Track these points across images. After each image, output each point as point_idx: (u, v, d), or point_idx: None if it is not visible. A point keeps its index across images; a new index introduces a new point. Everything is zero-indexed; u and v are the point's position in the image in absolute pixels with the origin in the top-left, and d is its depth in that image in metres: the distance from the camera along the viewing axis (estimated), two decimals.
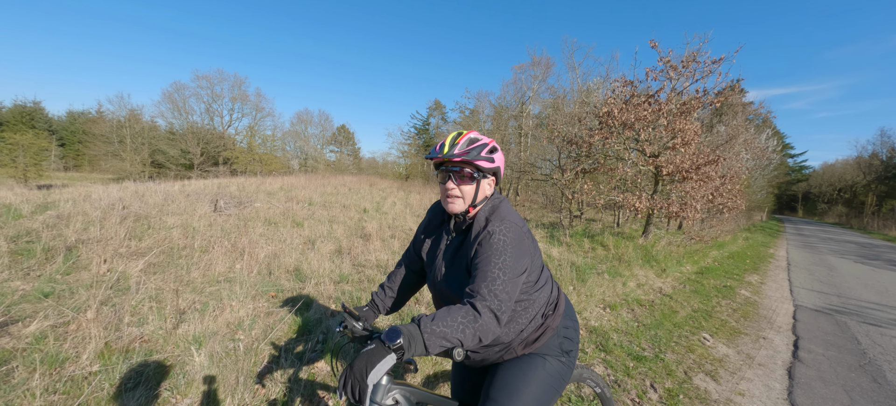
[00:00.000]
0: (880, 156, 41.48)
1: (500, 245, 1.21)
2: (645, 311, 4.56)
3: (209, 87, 34.95)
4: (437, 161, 1.37)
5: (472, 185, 1.32)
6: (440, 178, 1.37)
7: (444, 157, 1.30)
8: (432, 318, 1.08)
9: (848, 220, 36.70)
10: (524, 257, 1.26)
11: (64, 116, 43.03)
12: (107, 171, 30.35)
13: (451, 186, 1.32)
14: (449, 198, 1.33)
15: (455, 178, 1.32)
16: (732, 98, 12.22)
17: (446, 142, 1.33)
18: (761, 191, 24.24)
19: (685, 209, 7.97)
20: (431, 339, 1.05)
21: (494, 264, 1.18)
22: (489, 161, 1.32)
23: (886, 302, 5.96)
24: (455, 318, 1.09)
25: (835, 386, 3.13)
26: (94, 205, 6.25)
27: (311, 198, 10.86)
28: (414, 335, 1.05)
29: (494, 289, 1.15)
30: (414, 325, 1.07)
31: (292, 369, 2.51)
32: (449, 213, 1.37)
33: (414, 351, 1.04)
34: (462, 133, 1.35)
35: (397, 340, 1.02)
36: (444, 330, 1.07)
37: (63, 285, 3.33)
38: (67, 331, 2.60)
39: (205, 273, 4.00)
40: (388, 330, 1.03)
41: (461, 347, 1.11)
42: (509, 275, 1.18)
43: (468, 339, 1.10)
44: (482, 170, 1.32)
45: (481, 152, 1.30)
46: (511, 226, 1.26)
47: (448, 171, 1.33)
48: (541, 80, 28.69)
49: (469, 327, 1.09)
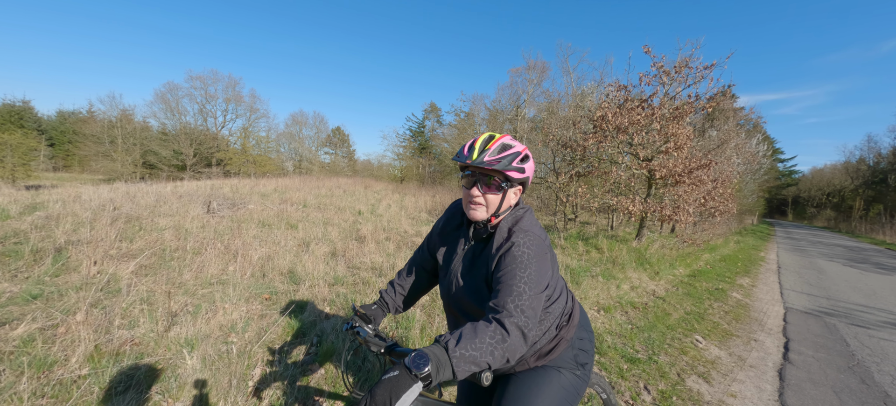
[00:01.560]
0: (867, 161, 42.32)
1: (524, 258, 1.15)
2: (638, 313, 4.60)
3: (203, 87, 34.67)
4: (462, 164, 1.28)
5: (499, 195, 1.24)
6: (465, 181, 1.29)
7: (472, 163, 1.20)
8: (459, 340, 0.97)
9: (836, 224, 37.32)
10: (546, 271, 1.19)
11: (54, 116, 42.43)
12: (97, 172, 29.95)
13: (475, 193, 1.24)
14: (472, 204, 1.25)
15: (481, 185, 1.24)
16: (724, 103, 12.40)
17: (476, 144, 1.24)
18: (752, 195, 24.56)
19: (678, 212, 8.06)
20: (460, 365, 0.94)
21: (520, 278, 1.11)
22: (520, 172, 1.23)
23: (874, 304, 6.06)
24: (483, 338, 0.99)
25: (824, 387, 3.17)
26: (84, 206, 6.17)
27: (305, 200, 10.81)
28: (442, 361, 0.93)
29: (521, 304, 1.07)
30: (440, 349, 0.96)
31: (286, 372, 2.49)
32: (470, 219, 1.30)
33: (441, 378, 0.93)
34: (494, 136, 1.25)
35: (426, 368, 0.90)
36: (473, 354, 0.96)
37: (52, 287, 3.28)
38: (56, 334, 2.55)
39: (197, 275, 3.96)
40: (415, 355, 0.92)
41: (489, 371, 1.00)
42: (534, 290, 1.11)
43: (497, 361, 0.99)
44: (511, 180, 1.24)
45: (513, 162, 1.21)
46: (535, 238, 1.20)
47: (474, 175, 1.25)
48: (536, 84, 28.82)
49: (498, 348, 0.99)
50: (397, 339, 3.17)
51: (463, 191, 1.30)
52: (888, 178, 36.93)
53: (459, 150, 1.27)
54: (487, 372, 1.01)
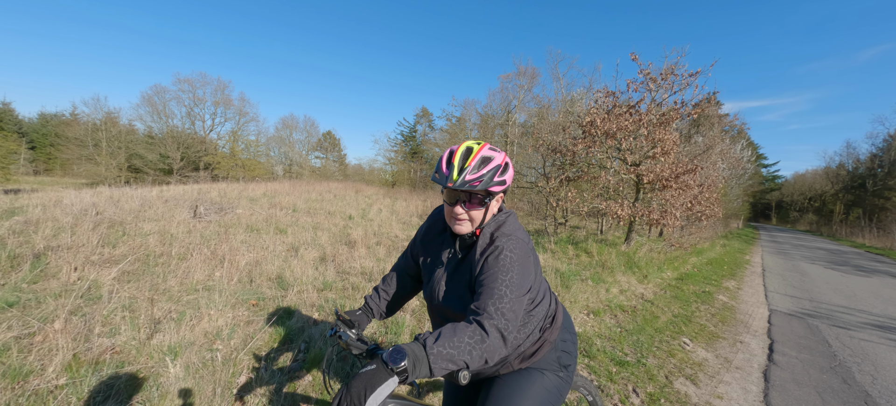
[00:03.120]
0: (846, 166, 43.57)
1: (507, 262, 1.16)
2: (627, 316, 4.64)
3: (191, 90, 34.21)
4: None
5: (482, 209, 1.24)
6: (447, 196, 1.26)
7: (454, 186, 1.18)
8: (437, 338, 0.99)
9: (818, 228, 38.34)
10: (529, 275, 1.21)
11: (35, 118, 41.35)
12: (80, 176, 29.21)
13: (459, 211, 1.23)
14: (457, 221, 1.24)
15: (464, 204, 1.23)
16: (709, 110, 12.68)
17: (455, 162, 1.20)
18: (737, 199, 25.11)
19: (665, 216, 8.18)
20: (437, 362, 0.96)
21: (502, 281, 1.12)
22: (501, 184, 1.22)
23: (854, 305, 6.22)
24: (462, 338, 1.01)
25: (808, 387, 3.23)
26: (65, 210, 6.01)
27: (295, 204, 10.69)
28: (419, 357, 0.95)
29: (502, 307, 1.08)
30: (419, 346, 0.97)
31: (273, 379, 2.45)
32: (455, 233, 1.29)
33: (418, 374, 0.94)
34: (473, 150, 1.22)
35: (402, 363, 0.92)
36: (451, 352, 0.98)
37: (29, 294, 3.18)
38: (32, 342, 2.47)
39: (182, 281, 3.88)
40: (392, 350, 0.94)
41: (466, 370, 1.02)
42: (516, 293, 1.13)
43: (475, 361, 1.01)
44: (493, 193, 1.24)
45: (494, 177, 1.20)
46: (518, 242, 1.21)
47: (457, 191, 1.23)
48: (526, 90, 29.13)
49: (476, 348, 1.01)
50: (387, 344, 3.14)
51: (445, 206, 1.29)
52: (866, 183, 38.05)
53: (437, 166, 1.25)
54: (465, 371, 1.02)
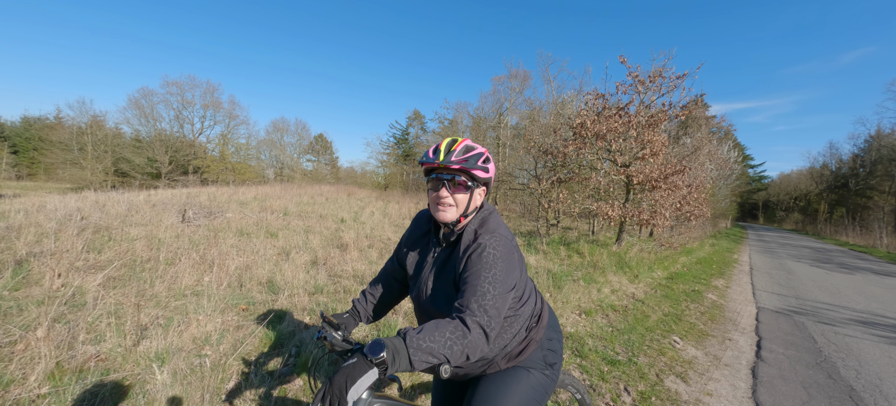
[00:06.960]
0: (830, 167, 44.66)
1: (490, 259, 1.18)
2: (619, 316, 4.68)
3: (180, 93, 33.68)
4: (428, 167, 1.31)
5: (466, 194, 1.29)
6: (431, 184, 1.31)
7: (440, 163, 1.24)
8: (418, 332, 1.01)
9: (804, 227, 39.15)
10: (513, 272, 1.23)
11: (18, 122, 40.39)
12: (64, 180, 28.52)
13: (444, 194, 1.27)
14: (441, 206, 1.28)
15: (449, 186, 1.27)
16: (696, 112, 12.89)
17: (441, 147, 1.28)
18: (725, 199, 25.49)
19: (655, 217, 8.29)
20: (417, 355, 0.98)
21: (484, 278, 1.14)
22: (484, 171, 1.28)
23: (839, 302, 6.35)
24: (443, 333, 1.03)
25: (794, 383, 3.29)
26: (48, 215, 5.87)
27: (286, 207, 10.59)
28: (399, 349, 0.98)
29: (484, 304, 1.10)
30: (399, 339, 1.00)
31: (263, 385, 2.42)
32: (439, 221, 1.32)
33: (398, 366, 0.97)
34: (457, 140, 1.30)
35: (380, 355, 0.94)
36: (430, 345, 1.00)
37: (11, 302, 3.09)
38: (14, 351, 2.40)
39: (170, 286, 3.81)
40: (371, 343, 0.97)
41: (447, 364, 1.04)
42: (499, 290, 1.14)
43: (455, 356, 1.04)
44: (477, 179, 1.29)
45: (478, 161, 1.26)
46: (501, 239, 1.23)
47: (441, 178, 1.28)
48: (518, 92, 29.24)
49: (457, 343, 1.03)
50: None
51: (430, 195, 1.33)
52: (849, 182, 39.02)
53: (425, 153, 1.31)
54: (446, 365, 1.05)
